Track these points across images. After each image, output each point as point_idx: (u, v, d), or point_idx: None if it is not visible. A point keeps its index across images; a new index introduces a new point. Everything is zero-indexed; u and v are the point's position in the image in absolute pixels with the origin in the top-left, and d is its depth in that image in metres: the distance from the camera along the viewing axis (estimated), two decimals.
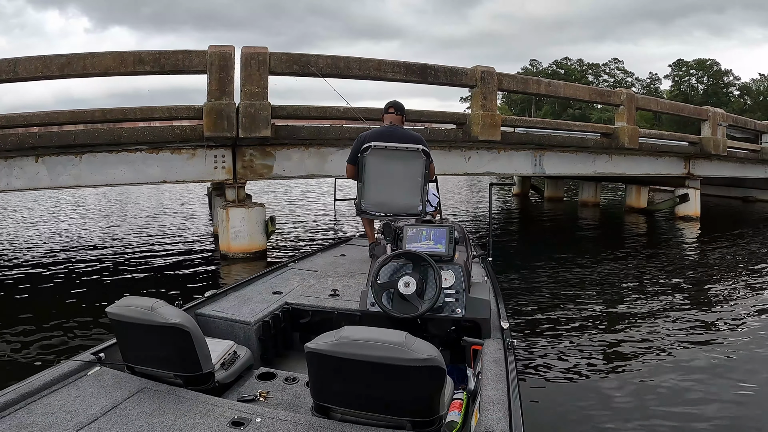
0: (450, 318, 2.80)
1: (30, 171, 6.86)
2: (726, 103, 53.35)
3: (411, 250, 2.87)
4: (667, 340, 4.72)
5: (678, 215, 13.29)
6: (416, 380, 1.76)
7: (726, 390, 3.71)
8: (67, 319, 5.01)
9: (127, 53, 6.77)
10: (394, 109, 4.40)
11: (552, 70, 70.13)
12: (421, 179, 3.93)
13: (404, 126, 4.51)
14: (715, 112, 13.26)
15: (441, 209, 4.77)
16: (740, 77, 64.39)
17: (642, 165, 12.38)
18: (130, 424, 1.83)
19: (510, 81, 9.79)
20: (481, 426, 1.83)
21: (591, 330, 4.94)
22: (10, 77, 6.38)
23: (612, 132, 11.10)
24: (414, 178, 3.94)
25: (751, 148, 14.96)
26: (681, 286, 6.72)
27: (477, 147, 9.55)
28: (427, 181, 4.10)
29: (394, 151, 4.02)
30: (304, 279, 3.86)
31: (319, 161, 8.40)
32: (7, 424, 1.81)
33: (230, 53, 7.12)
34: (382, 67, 8.12)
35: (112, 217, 12.49)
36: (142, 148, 7.29)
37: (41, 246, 8.84)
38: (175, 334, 2.10)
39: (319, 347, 1.81)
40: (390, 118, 4.38)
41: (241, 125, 7.10)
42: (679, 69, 66.33)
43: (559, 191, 17.83)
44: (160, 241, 9.03)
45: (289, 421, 1.88)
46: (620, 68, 72.41)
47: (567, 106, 60.52)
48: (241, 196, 7.92)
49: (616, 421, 3.28)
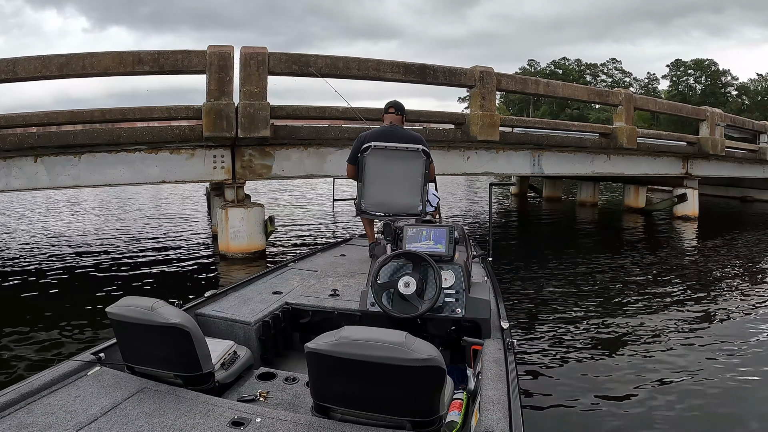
0: (450, 318, 2.80)
1: (29, 171, 6.86)
2: (724, 103, 53.41)
3: (411, 250, 2.87)
4: (668, 339, 4.73)
5: (676, 215, 13.33)
6: (416, 380, 1.76)
7: (729, 388, 3.73)
8: (66, 319, 5.01)
9: (127, 53, 6.77)
10: (394, 109, 4.38)
11: (550, 70, 70.12)
12: (421, 179, 3.93)
13: (404, 126, 4.50)
14: (713, 112, 13.29)
15: (440, 210, 4.77)
16: (738, 77, 64.45)
17: (640, 165, 12.41)
18: (130, 424, 1.83)
19: (509, 81, 9.80)
20: (481, 426, 1.83)
21: (591, 329, 4.95)
22: (9, 77, 6.38)
23: (610, 132, 11.13)
24: (414, 178, 3.93)
25: (749, 148, 15.01)
26: (681, 285, 6.73)
27: (476, 147, 9.57)
28: (427, 181, 4.10)
29: (394, 151, 4.02)
30: (304, 279, 3.87)
31: (318, 161, 8.41)
32: (7, 424, 1.81)
33: (229, 53, 7.12)
34: (381, 67, 8.12)
35: (109, 218, 12.47)
36: (142, 148, 7.29)
37: (39, 247, 8.83)
38: (175, 334, 2.10)
39: (319, 347, 1.81)
40: (390, 118, 4.36)
41: (240, 125, 7.10)
42: (676, 69, 66.37)
43: (557, 191, 17.87)
44: (158, 243, 9.03)
45: (289, 421, 1.88)
46: (618, 68, 72.43)
47: (565, 106, 60.52)
48: (240, 196, 7.92)
49: (617, 420, 3.28)
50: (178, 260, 7.66)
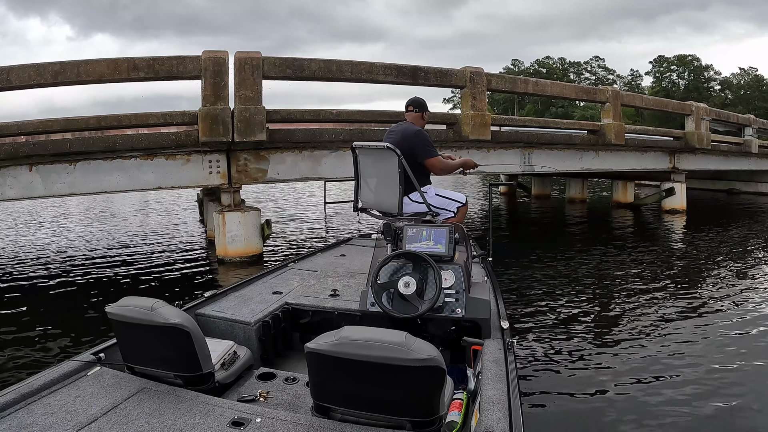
0: (450, 318, 2.80)
1: (24, 180, 6.82)
2: (707, 98, 54.00)
3: (411, 250, 2.87)
4: (666, 334, 4.73)
5: (665, 209, 13.57)
6: (416, 380, 1.77)
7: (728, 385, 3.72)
8: (66, 320, 5.04)
9: (122, 60, 6.77)
10: (412, 107, 4.27)
11: (534, 69, 70.46)
12: (398, 179, 3.72)
13: (425, 122, 4.35)
14: (698, 107, 13.54)
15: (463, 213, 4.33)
16: (720, 72, 65.31)
17: (628, 160, 12.60)
18: (130, 424, 1.83)
19: (498, 81, 9.93)
20: (481, 426, 1.83)
21: (590, 327, 4.95)
22: (3, 85, 6.36)
23: (598, 129, 11.31)
24: (392, 178, 3.76)
25: (735, 141, 15.30)
26: (675, 278, 6.83)
27: (467, 146, 9.66)
28: (425, 181, 4.01)
29: (374, 150, 3.92)
30: (304, 279, 3.84)
31: (313, 164, 8.46)
32: (7, 424, 1.81)
33: (224, 58, 7.15)
34: (373, 70, 8.20)
35: (101, 228, 12.39)
36: (137, 155, 7.28)
37: (36, 254, 8.79)
38: (175, 334, 2.10)
39: (319, 347, 1.81)
40: (407, 116, 4.28)
41: (236, 129, 7.13)
42: (659, 65, 67.08)
43: (546, 189, 18.00)
44: (154, 251, 8.99)
45: (289, 421, 1.88)
46: (601, 66, 72.97)
47: (550, 105, 60.92)
48: (237, 200, 7.95)
49: (617, 420, 3.27)
50: (176, 267, 7.64)
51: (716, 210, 15.19)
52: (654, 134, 13.43)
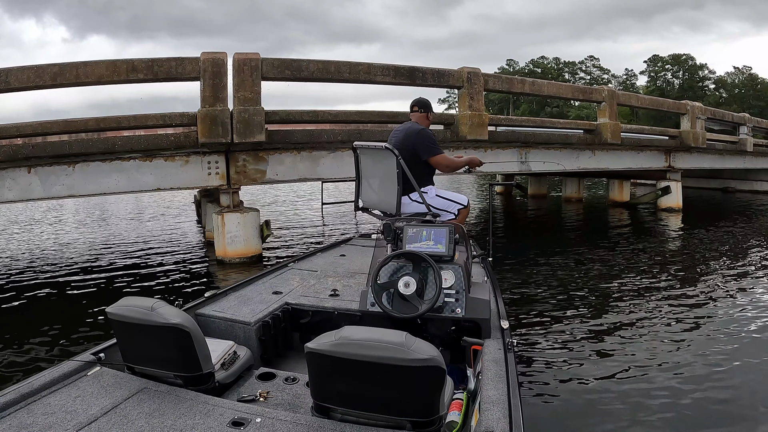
0: (450, 318, 2.81)
1: (23, 182, 6.81)
2: (702, 97, 54.33)
3: (411, 250, 2.88)
4: (665, 333, 4.75)
5: (661, 207, 13.65)
6: (416, 380, 1.77)
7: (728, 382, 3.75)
8: (66, 320, 5.04)
9: (120, 61, 6.77)
10: (417, 107, 4.31)
11: (529, 69, 70.63)
12: (395, 179, 3.71)
13: (430, 121, 4.38)
14: (693, 106, 13.63)
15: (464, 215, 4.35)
16: (715, 71, 65.67)
17: (624, 159, 12.66)
18: (130, 424, 1.84)
19: (495, 81, 9.98)
20: (481, 426, 1.84)
21: (589, 327, 4.94)
22: (2, 87, 6.34)
23: (595, 128, 11.36)
24: (391, 178, 3.75)
25: (730, 139, 15.41)
26: (673, 277, 6.87)
27: (465, 146, 9.69)
28: (426, 181, 4.04)
29: (373, 150, 3.93)
30: (304, 279, 3.85)
31: (311, 165, 8.48)
32: (7, 424, 1.81)
33: (223, 59, 7.16)
34: (371, 71, 8.22)
35: (95, 230, 12.37)
36: (136, 156, 7.28)
37: (36, 254, 8.78)
38: (175, 334, 2.11)
39: (319, 347, 1.81)
40: (412, 116, 4.30)
41: (235, 131, 7.14)
42: (654, 65, 67.37)
43: (542, 188, 18.05)
44: (152, 252, 8.98)
45: (289, 421, 1.89)
46: (596, 65, 73.20)
47: (545, 105, 61.08)
48: (236, 201, 7.96)
49: (617, 419, 3.27)
50: (175, 268, 7.63)
51: (712, 208, 15.29)
52: (650, 133, 13.51)
